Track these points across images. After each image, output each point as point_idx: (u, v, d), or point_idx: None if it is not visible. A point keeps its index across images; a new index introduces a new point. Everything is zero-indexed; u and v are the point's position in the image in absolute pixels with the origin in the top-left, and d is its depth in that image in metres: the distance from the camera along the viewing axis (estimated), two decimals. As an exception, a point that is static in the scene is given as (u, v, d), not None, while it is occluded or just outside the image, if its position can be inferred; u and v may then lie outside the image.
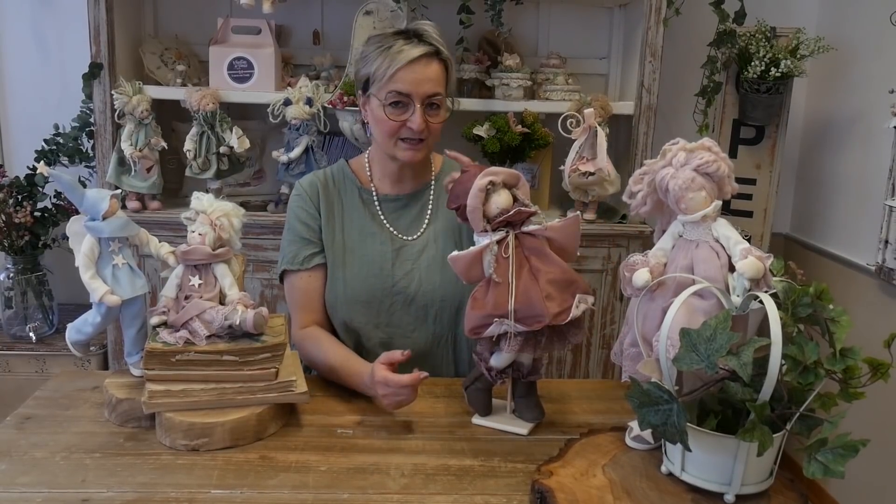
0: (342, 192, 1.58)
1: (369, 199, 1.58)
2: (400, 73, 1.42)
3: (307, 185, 1.58)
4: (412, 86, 1.43)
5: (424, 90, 1.44)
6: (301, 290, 1.54)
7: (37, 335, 2.35)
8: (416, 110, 1.44)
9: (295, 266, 1.53)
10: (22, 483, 1.06)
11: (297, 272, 1.53)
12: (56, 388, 1.38)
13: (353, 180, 1.59)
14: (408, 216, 1.58)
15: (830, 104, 2.65)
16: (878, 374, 0.93)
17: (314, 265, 1.53)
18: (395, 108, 1.45)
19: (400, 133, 1.47)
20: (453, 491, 1.07)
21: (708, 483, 1.00)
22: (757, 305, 0.99)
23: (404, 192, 1.58)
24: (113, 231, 1.17)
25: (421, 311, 1.52)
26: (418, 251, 1.54)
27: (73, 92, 2.34)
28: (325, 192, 1.57)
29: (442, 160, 1.65)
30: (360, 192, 1.58)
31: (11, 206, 2.23)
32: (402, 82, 1.43)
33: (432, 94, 1.45)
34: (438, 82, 1.46)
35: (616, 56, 2.63)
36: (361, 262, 1.53)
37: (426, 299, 1.52)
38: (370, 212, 1.57)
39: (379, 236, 1.55)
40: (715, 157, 1.09)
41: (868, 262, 2.32)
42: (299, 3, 2.48)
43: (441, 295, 1.51)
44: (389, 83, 1.44)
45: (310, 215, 1.55)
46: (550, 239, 1.20)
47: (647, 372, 1.04)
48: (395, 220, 1.57)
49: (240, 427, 1.18)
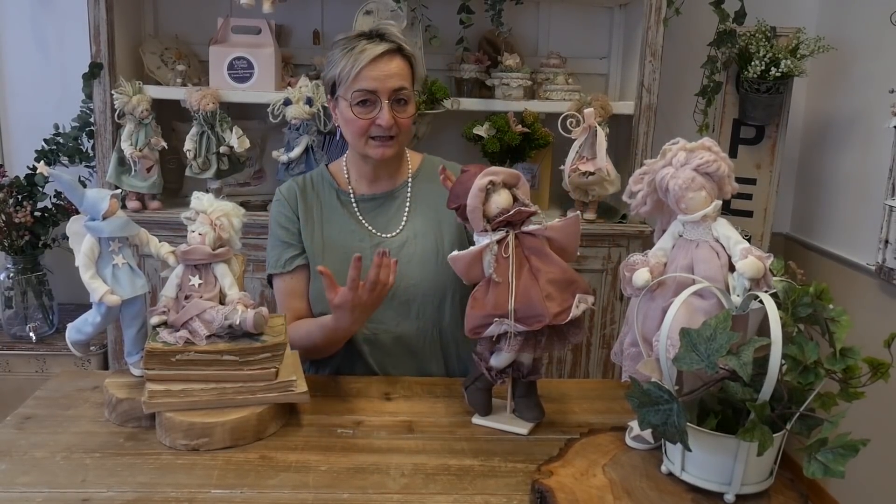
0: (321, 196, 1.61)
1: (347, 200, 1.60)
2: (364, 71, 1.44)
3: (286, 190, 1.61)
4: (377, 82, 1.45)
5: (389, 86, 1.46)
6: (286, 292, 1.57)
7: (37, 335, 2.35)
8: (384, 106, 1.46)
9: (278, 269, 1.56)
10: (22, 483, 1.06)
11: (281, 275, 1.57)
12: (56, 388, 1.38)
13: (331, 183, 1.61)
14: (385, 214, 1.60)
15: (830, 104, 2.65)
16: (878, 373, 0.93)
17: (295, 267, 1.56)
18: (362, 107, 1.47)
19: (370, 131, 1.49)
20: (453, 491, 1.07)
21: (708, 483, 1.00)
22: (757, 305, 0.99)
23: (380, 192, 1.61)
24: (113, 231, 1.17)
25: (403, 306, 1.53)
26: (397, 248, 1.56)
27: (73, 92, 2.34)
28: (304, 195, 1.60)
29: (421, 159, 1.66)
30: (337, 193, 1.60)
31: (11, 205, 2.23)
32: (366, 80, 1.45)
33: (398, 88, 1.46)
34: (403, 77, 1.48)
35: (616, 56, 2.63)
36: (342, 257, 1.54)
37: (407, 295, 1.53)
38: (348, 212, 1.59)
39: (358, 233, 1.57)
40: (715, 157, 1.09)
41: (868, 261, 2.32)
42: (299, 3, 2.48)
43: (423, 290, 1.53)
44: (355, 82, 1.46)
45: (288, 219, 1.58)
46: (550, 239, 1.20)
47: (647, 372, 1.04)
48: (373, 219, 1.59)
49: (240, 427, 1.18)
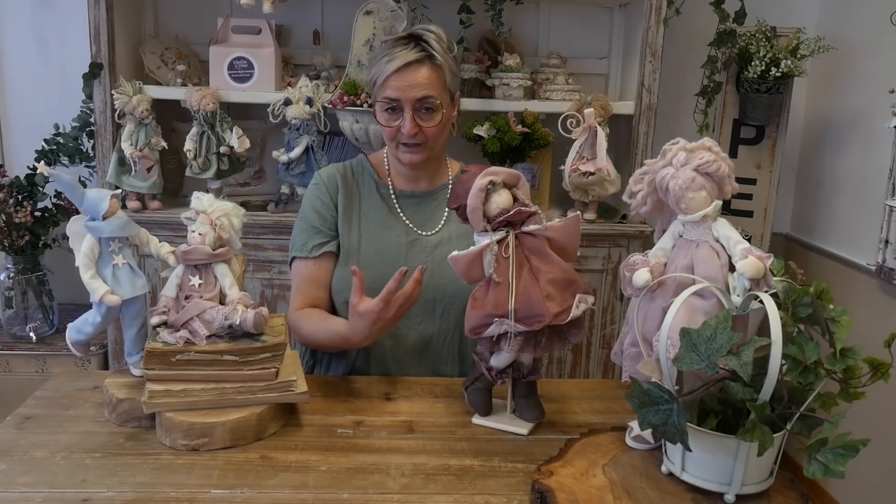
0: (360, 186, 1.62)
1: (387, 194, 1.61)
2: (390, 79, 1.46)
3: (326, 176, 1.61)
4: (400, 91, 1.46)
5: (413, 95, 1.46)
6: (305, 277, 1.57)
7: (37, 335, 2.35)
8: (406, 115, 1.47)
9: (304, 253, 1.56)
10: (22, 483, 1.05)
11: (304, 259, 1.56)
12: (56, 388, 1.38)
13: (371, 174, 1.62)
14: (425, 212, 1.60)
15: (830, 104, 2.65)
16: (879, 374, 0.93)
17: (322, 253, 1.55)
18: (389, 114, 1.49)
19: (398, 137, 1.50)
20: (453, 491, 1.07)
21: (708, 483, 1.00)
22: (757, 305, 0.99)
23: (420, 190, 1.61)
24: (113, 231, 1.17)
25: (429, 304, 1.53)
26: (433, 246, 1.57)
27: (73, 92, 2.35)
28: (345, 183, 1.60)
29: (459, 167, 1.68)
30: (377, 186, 1.61)
31: (11, 206, 2.23)
32: (391, 89, 1.47)
33: (422, 97, 1.46)
34: (430, 86, 1.47)
35: (616, 56, 2.63)
36: (376, 250, 1.56)
37: (435, 293, 1.53)
38: (388, 206, 1.60)
39: (395, 229, 1.58)
40: (715, 157, 1.09)
41: (868, 261, 2.32)
42: (299, 3, 2.48)
43: (451, 291, 1.52)
44: (382, 90, 1.48)
45: (325, 205, 1.58)
46: (551, 239, 1.20)
47: (647, 372, 1.04)
48: (413, 215, 1.60)
49: (240, 427, 1.18)
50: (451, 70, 1.51)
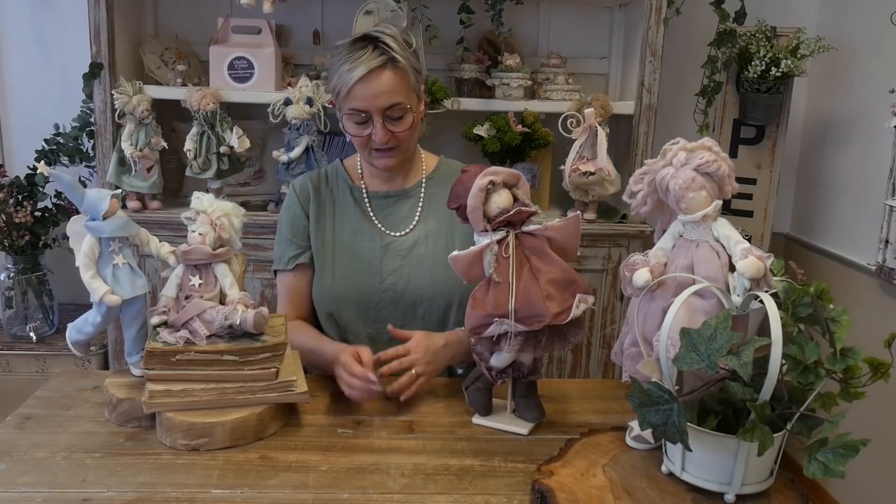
0: (335, 192, 1.61)
1: (360, 197, 1.60)
2: (354, 89, 1.42)
3: (299, 187, 1.61)
4: (367, 102, 1.43)
5: (380, 104, 1.43)
6: (286, 288, 1.59)
7: (37, 335, 2.35)
8: (376, 124, 1.45)
9: (282, 266, 1.58)
10: (22, 483, 1.06)
11: (283, 272, 1.58)
12: (56, 388, 1.38)
13: (345, 179, 1.62)
14: (398, 212, 1.59)
15: (830, 104, 2.65)
16: (879, 374, 0.93)
17: (296, 265, 1.57)
18: (357, 125, 1.47)
19: (370, 144, 1.49)
20: (453, 491, 1.07)
21: (708, 483, 1.00)
22: (757, 305, 0.99)
23: (394, 189, 1.60)
24: (113, 231, 1.17)
25: (409, 308, 1.53)
26: (408, 248, 1.55)
27: (73, 92, 2.34)
28: (317, 192, 1.59)
29: (438, 161, 1.65)
30: (351, 189, 1.61)
31: (12, 205, 2.23)
32: (357, 99, 1.43)
33: (389, 105, 1.44)
34: (396, 91, 1.44)
35: (616, 56, 2.63)
36: (351, 258, 1.55)
37: (414, 297, 1.53)
38: (360, 209, 1.59)
39: (368, 233, 1.57)
40: (715, 157, 1.09)
41: (868, 261, 2.32)
42: (299, 3, 2.48)
43: (431, 293, 1.52)
44: (347, 100, 1.45)
45: (296, 216, 1.58)
46: (551, 239, 1.20)
47: (647, 372, 1.04)
48: (385, 217, 1.59)
49: (240, 427, 1.18)
50: (415, 68, 1.47)
